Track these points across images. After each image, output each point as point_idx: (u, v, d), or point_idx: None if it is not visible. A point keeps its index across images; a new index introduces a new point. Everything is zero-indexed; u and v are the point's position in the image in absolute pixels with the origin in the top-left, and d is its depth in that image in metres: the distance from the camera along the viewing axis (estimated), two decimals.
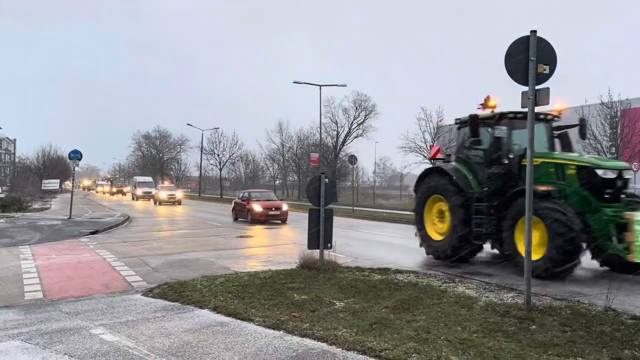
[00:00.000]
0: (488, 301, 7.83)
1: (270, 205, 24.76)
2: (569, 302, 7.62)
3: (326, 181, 10.72)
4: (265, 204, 24.75)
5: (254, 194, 27.14)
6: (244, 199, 25.92)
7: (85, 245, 15.74)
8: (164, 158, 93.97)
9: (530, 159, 7.28)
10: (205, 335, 6.26)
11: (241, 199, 26.31)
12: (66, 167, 76.25)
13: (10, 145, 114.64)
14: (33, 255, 13.21)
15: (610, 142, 30.34)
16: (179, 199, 46.06)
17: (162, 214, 32.67)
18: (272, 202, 25.41)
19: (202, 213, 33.79)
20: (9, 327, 6.77)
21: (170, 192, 47.02)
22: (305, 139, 68.52)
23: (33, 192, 55.52)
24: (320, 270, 10.20)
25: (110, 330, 6.54)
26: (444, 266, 11.82)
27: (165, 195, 45.64)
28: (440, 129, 50.96)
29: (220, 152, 70.33)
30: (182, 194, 51.39)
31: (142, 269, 11.34)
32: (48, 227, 21.12)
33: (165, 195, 45.55)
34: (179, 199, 46.34)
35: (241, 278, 9.70)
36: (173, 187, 53.44)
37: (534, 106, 7.18)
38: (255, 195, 26.40)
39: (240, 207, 25.79)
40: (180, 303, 7.98)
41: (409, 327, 6.41)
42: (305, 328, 6.39)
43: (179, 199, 46.34)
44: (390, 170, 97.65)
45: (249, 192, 27.98)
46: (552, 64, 7.20)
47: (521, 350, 5.51)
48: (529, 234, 7.25)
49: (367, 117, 59.86)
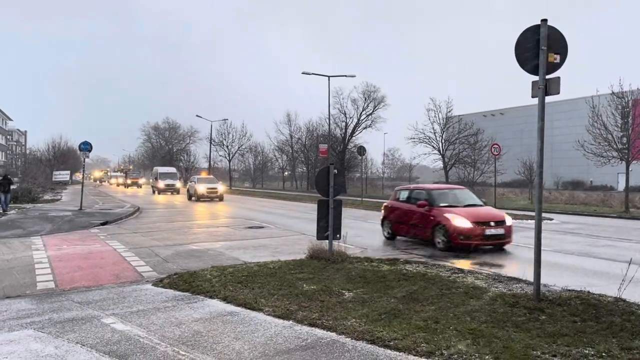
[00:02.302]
0: (497, 292, 7.82)
1: None
2: (578, 293, 7.58)
3: (335, 172, 10.72)
4: None
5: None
6: None
7: (95, 236, 15.86)
8: (173, 149, 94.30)
9: (540, 151, 7.22)
10: (215, 325, 6.31)
11: None
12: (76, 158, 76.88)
13: (22, 137, 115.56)
14: (45, 246, 13.34)
15: (621, 132, 30.04)
16: (220, 193, 37.43)
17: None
18: None
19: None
20: (22, 316, 6.85)
21: (211, 185, 37.68)
22: (314, 130, 68.56)
23: (44, 184, 56.00)
24: (329, 260, 10.22)
25: (121, 319, 6.60)
26: (453, 257, 11.80)
27: (205, 188, 36.74)
28: (449, 119, 50.78)
29: (229, 143, 70.57)
30: (224, 187, 41.58)
31: (152, 260, 11.42)
32: (59, 218, 21.30)
33: (204, 189, 36.71)
34: (221, 193, 37.60)
35: (250, 268, 9.74)
36: (213, 178, 42.25)
37: (545, 96, 7.12)
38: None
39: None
40: (190, 293, 8.04)
41: (417, 317, 6.42)
42: (315, 318, 6.42)
43: (221, 193, 37.60)
44: (399, 162, 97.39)
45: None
46: (563, 53, 7.12)
47: (530, 340, 5.50)
48: (539, 226, 7.21)
49: (376, 108, 59.73)
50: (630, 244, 14.50)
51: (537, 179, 7.32)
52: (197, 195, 36.50)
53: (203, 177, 41.54)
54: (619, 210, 28.08)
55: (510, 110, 75.43)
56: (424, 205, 13.39)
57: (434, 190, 14.42)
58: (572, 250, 13.27)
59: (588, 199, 37.97)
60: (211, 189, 36.76)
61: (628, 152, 28.34)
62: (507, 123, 74.31)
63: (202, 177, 42.21)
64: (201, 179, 39.57)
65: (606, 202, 35.36)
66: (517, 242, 14.58)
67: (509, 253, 12.63)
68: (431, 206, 13.26)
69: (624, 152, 28.63)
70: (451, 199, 13.84)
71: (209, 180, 39.96)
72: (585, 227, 20.25)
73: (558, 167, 60.43)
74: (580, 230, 18.85)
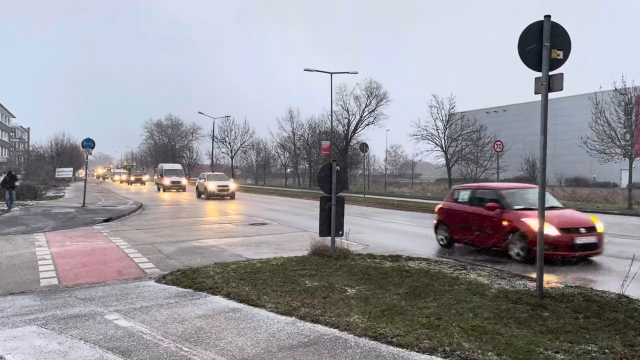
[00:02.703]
0: (500, 288, 7.82)
1: None
2: (581, 289, 7.58)
3: (337, 169, 10.72)
4: None
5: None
6: None
7: (98, 232, 15.89)
8: (176, 146, 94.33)
9: (543, 147, 7.21)
10: (218, 321, 6.32)
11: None
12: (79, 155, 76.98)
13: (24, 134, 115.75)
14: (48, 243, 13.37)
15: (624, 129, 29.95)
16: (232, 191, 35.56)
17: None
18: None
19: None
20: (26, 312, 6.87)
21: (222, 182, 35.85)
22: (316, 126, 68.47)
23: (47, 181, 56.17)
24: (332, 257, 10.23)
25: (124, 316, 6.62)
26: (456, 254, 11.80)
27: (215, 186, 34.73)
28: (452, 116, 50.68)
29: (231, 140, 70.55)
30: (235, 184, 39.29)
31: (155, 256, 11.44)
32: (62, 214, 21.34)
33: (215, 187, 34.68)
34: (232, 191, 35.77)
35: (253, 265, 9.76)
36: (224, 175, 40.69)
37: (548, 92, 7.11)
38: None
39: None
40: (193, 289, 8.05)
41: (420, 313, 6.42)
42: (317, 314, 6.43)
43: (232, 191, 35.77)
44: (402, 158, 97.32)
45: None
46: (566, 49, 7.11)
47: (533, 336, 5.50)
48: (542, 222, 7.20)
49: (379, 104, 59.56)
50: (633, 240, 14.47)
51: (541, 175, 7.31)
52: (208, 193, 34.77)
53: (213, 174, 39.82)
54: (622, 207, 28.00)
55: (513, 107, 75.31)
56: (495, 207, 11.53)
57: (504, 189, 12.37)
58: None
59: (591, 196, 37.85)
60: (222, 187, 34.97)
61: (631, 149, 28.26)
62: (510, 120, 74.21)
63: (212, 174, 40.36)
64: (211, 176, 37.94)
65: (609, 198, 35.24)
66: None
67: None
68: (503, 209, 11.42)
69: (627, 149, 28.54)
70: (526, 200, 11.79)
71: (219, 177, 38.41)
72: None
73: (561, 164, 60.35)
74: None
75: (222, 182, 35.91)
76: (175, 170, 51.80)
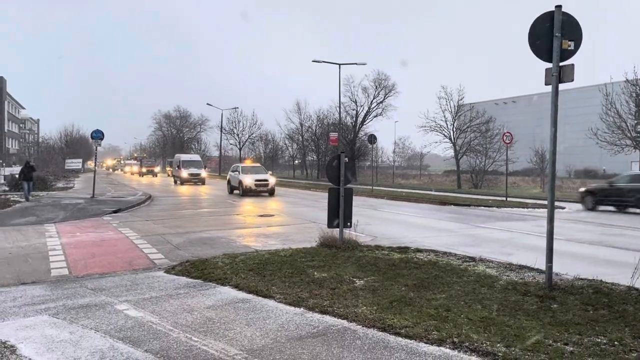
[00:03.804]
0: (509, 280, 7.80)
1: None
2: (591, 282, 7.54)
3: (346, 160, 10.71)
4: None
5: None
6: None
7: (108, 223, 16.00)
8: (184, 138, 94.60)
9: (553, 139, 7.16)
10: (227, 312, 6.36)
11: None
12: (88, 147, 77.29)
13: (34, 126, 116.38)
14: (58, 233, 13.48)
15: (635, 120, 29.70)
16: (271, 187, 29.37)
17: None
18: None
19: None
20: (37, 302, 6.95)
21: (260, 175, 29.78)
22: (324, 118, 68.42)
23: (57, 172, 56.55)
24: (340, 248, 10.25)
25: (134, 306, 6.67)
26: (464, 245, 11.78)
27: (252, 181, 28.82)
28: (461, 107, 50.47)
29: (239, 131, 70.65)
30: (274, 178, 32.37)
31: (164, 247, 11.50)
32: (72, 205, 21.49)
33: (251, 181, 28.80)
34: (272, 186, 29.48)
35: (262, 256, 9.79)
36: (260, 167, 34.12)
37: (558, 83, 7.05)
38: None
39: None
40: (202, 280, 8.10)
41: (429, 305, 6.42)
42: (326, 305, 6.45)
43: (272, 186, 29.48)
44: (410, 150, 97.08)
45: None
46: (577, 39, 7.03)
47: (542, 328, 5.49)
48: (551, 214, 7.17)
49: (387, 96, 59.42)
50: None
51: (550, 167, 7.26)
52: (244, 188, 28.83)
53: (249, 166, 32.66)
54: None
55: (523, 98, 74.81)
56: None
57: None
58: (584, 238, 13.19)
59: None
60: (260, 182, 28.96)
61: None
62: (519, 111, 73.74)
63: (247, 165, 33.09)
64: (247, 168, 31.32)
65: None
66: (529, 230, 14.53)
67: (521, 241, 12.58)
68: None
69: (637, 140, 28.33)
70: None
71: (256, 169, 31.80)
72: (597, 215, 20.11)
73: (570, 156, 59.93)
74: (592, 219, 18.72)
75: (260, 175, 30.09)
76: (194, 161, 47.90)
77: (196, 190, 35.79)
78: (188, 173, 43.84)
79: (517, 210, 22.34)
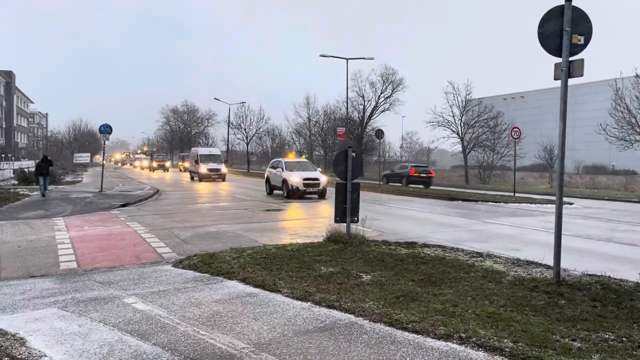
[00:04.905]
0: (516, 276, 7.78)
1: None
2: (599, 278, 7.51)
3: (353, 155, 10.69)
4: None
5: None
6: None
7: (116, 217, 16.07)
8: (191, 132, 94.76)
9: (562, 135, 7.12)
10: (234, 306, 6.38)
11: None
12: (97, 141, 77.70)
13: (43, 120, 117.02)
14: (67, 227, 13.57)
15: None
16: (323, 187, 23.95)
17: None
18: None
19: None
20: (46, 295, 7.00)
21: (309, 173, 24.69)
22: (331, 113, 68.27)
23: (65, 166, 56.88)
24: (347, 243, 10.25)
25: (142, 299, 6.71)
26: (471, 241, 11.75)
27: (300, 180, 23.62)
28: (469, 102, 50.22)
29: (247, 126, 70.63)
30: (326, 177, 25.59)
31: (172, 241, 11.55)
32: (80, 199, 21.61)
33: (299, 180, 23.59)
34: (324, 187, 23.97)
35: (269, 250, 9.81)
36: (308, 163, 28.11)
37: (567, 78, 7.00)
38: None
39: None
40: (210, 274, 8.13)
41: (436, 300, 6.42)
42: (333, 300, 6.46)
43: (324, 187, 23.97)
44: (417, 145, 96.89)
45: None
46: (587, 34, 6.98)
47: (550, 324, 5.48)
48: (559, 210, 7.13)
49: (395, 90, 59.18)
50: None
51: (559, 162, 7.22)
52: (289, 189, 23.59)
53: (294, 162, 26.40)
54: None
55: (531, 93, 74.29)
56: None
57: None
58: (593, 234, 13.13)
59: (609, 184, 37.44)
60: (310, 181, 23.86)
61: None
62: (528, 106, 73.20)
63: (291, 161, 26.50)
64: (291, 164, 25.54)
65: (628, 186, 34.82)
66: (537, 226, 14.47)
67: (528, 237, 12.54)
68: None
69: None
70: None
71: (303, 165, 26.37)
72: (606, 211, 20.01)
73: (579, 151, 59.56)
74: (601, 215, 18.62)
75: (309, 172, 24.91)
76: (213, 155, 42.70)
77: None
78: (207, 168, 39.46)
79: (525, 205, 22.25)
